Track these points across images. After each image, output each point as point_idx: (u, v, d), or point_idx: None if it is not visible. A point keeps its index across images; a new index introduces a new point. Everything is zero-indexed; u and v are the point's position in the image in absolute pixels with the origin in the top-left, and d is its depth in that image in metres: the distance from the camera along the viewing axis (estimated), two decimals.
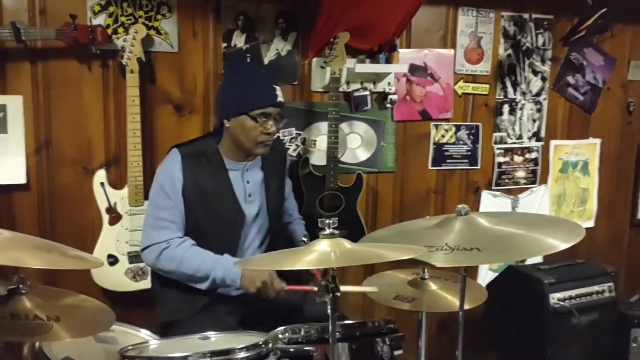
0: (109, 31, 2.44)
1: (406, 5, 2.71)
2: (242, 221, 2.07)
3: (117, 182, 2.51)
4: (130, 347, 1.44)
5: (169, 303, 2.08)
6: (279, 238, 2.25)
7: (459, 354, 1.67)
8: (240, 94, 2.02)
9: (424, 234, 1.54)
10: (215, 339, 1.54)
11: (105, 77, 2.50)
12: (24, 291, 1.36)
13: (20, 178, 2.39)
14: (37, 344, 1.58)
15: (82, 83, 2.46)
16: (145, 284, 2.49)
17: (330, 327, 1.28)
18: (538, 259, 3.40)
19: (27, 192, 2.44)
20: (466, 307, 1.84)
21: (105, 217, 2.45)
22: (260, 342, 1.42)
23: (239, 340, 1.44)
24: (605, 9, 2.85)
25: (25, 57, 2.36)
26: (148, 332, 1.87)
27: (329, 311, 1.27)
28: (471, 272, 3.31)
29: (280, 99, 2.03)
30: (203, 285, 1.98)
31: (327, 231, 1.31)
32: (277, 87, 2.04)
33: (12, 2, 2.30)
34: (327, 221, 1.32)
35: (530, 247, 1.42)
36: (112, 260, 2.46)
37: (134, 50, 2.38)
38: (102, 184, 2.45)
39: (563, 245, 1.39)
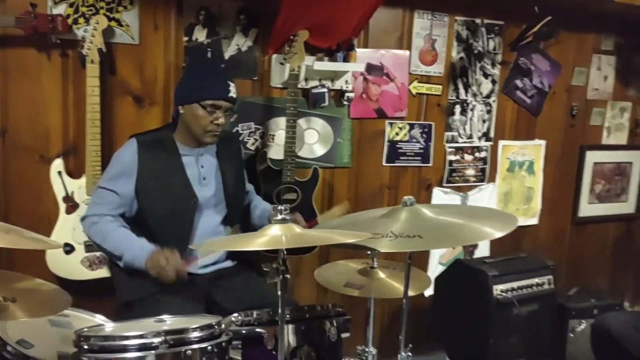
0: (70, 21, 2.46)
1: (364, 6, 2.80)
2: (195, 203, 2.16)
3: (74, 172, 2.53)
4: (85, 329, 1.48)
5: (129, 282, 2.13)
6: (237, 217, 2.37)
7: (402, 339, 1.77)
8: (196, 83, 2.16)
9: (373, 223, 1.64)
10: (171, 322, 1.60)
11: (64, 67, 2.51)
12: None
13: None
14: None
15: (40, 72, 2.47)
16: (102, 272, 2.52)
17: (279, 308, 1.36)
18: (485, 253, 3.58)
19: None
20: (411, 293, 1.95)
21: (62, 206, 2.47)
22: (213, 323, 1.48)
23: (194, 322, 1.50)
24: (550, 17, 3.02)
25: None
26: (103, 318, 1.91)
27: (278, 292, 1.35)
28: (421, 265, 3.44)
29: (232, 94, 2.18)
30: (120, 263, 2.09)
31: (279, 217, 1.39)
32: (232, 84, 2.19)
33: None
34: (280, 207, 1.40)
35: (468, 235, 1.54)
36: (69, 249, 2.48)
37: (95, 40, 2.41)
38: (59, 172, 2.46)
39: (498, 234, 1.51)
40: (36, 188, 2.52)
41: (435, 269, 3.48)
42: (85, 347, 1.37)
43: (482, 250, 3.61)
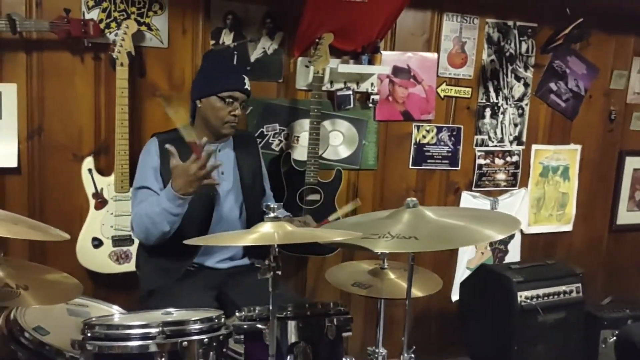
0: (102, 26, 2.56)
1: (388, 9, 2.81)
2: (214, 195, 2.25)
3: (105, 169, 2.64)
4: (94, 318, 1.56)
5: (149, 272, 2.22)
6: (255, 211, 2.37)
7: (405, 340, 1.77)
8: (213, 77, 2.26)
9: (375, 224, 1.65)
10: (176, 314, 1.66)
11: (97, 69, 2.62)
12: None
13: (12, 162, 2.52)
14: (12, 315, 1.71)
15: (74, 74, 2.59)
16: (128, 267, 2.62)
17: (270, 305, 1.39)
18: (515, 259, 3.51)
19: (18, 176, 2.57)
20: (420, 295, 1.95)
21: (92, 202, 2.58)
22: (214, 317, 1.53)
23: (197, 316, 1.55)
24: (581, 19, 2.94)
25: (21, 48, 2.49)
26: (119, 308, 1.99)
27: (269, 288, 1.38)
28: (449, 269, 3.41)
29: (247, 86, 2.28)
30: (165, 226, 2.06)
31: (271, 215, 1.43)
32: (246, 78, 2.29)
33: None
34: (272, 205, 1.44)
35: (466, 237, 1.53)
36: (97, 243, 2.59)
37: (125, 44, 2.51)
38: (89, 170, 2.58)
39: (498, 236, 1.50)
40: (69, 185, 2.64)
41: (462, 273, 3.44)
42: (89, 334, 1.44)
43: (513, 256, 3.55)
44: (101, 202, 2.58)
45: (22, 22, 2.37)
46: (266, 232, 1.39)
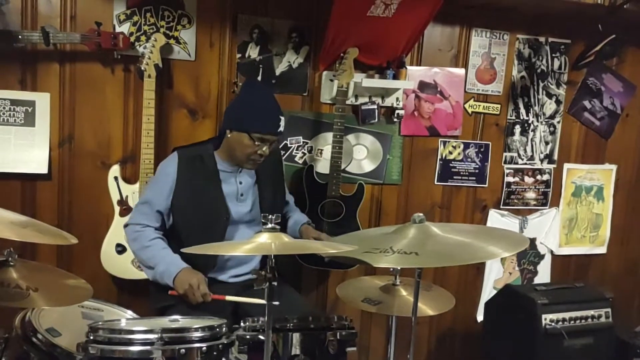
0: (132, 39, 2.65)
1: (414, 24, 2.80)
2: (227, 219, 2.22)
3: (130, 177, 2.71)
4: (100, 323, 1.60)
5: (159, 291, 2.23)
6: None
7: (411, 357, 1.75)
8: (249, 114, 2.20)
9: (380, 239, 1.64)
10: (182, 322, 1.68)
11: (126, 81, 2.71)
12: (12, 263, 1.54)
13: (42, 168, 2.62)
14: (27, 316, 1.76)
15: (105, 85, 2.68)
16: None
17: (266, 316, 1.40)
18: (545, 280, 3.41)
19: (49, 182, 2.66)
20: (431, 313, 1.92)
21: (117, 209, 2.65)
22: (215, 325, 1.55)
23: (201, 324, 1.57)
24: (614, 36, 2.86)
25: (55, 59, 2.60)
26: (133, 314, 2.03)
27: (264, 300, 1.39)
28: (475, 289, 3.35)
29: (281, 129, 2.22)
30: (149, 274, 2.16)
31: (269, 225, 1.44)
32: (282, 118, 2.22)
33: (46, 8, 2.54)
34: (270, 217, 1.45)
35: (469, 254, 1.49)
36: (120, 249, 2.65)
37: (152, 57, 2.58)
38: (115, 178, 2.65)
39: (503, 254, 1.46)
40: (97, 192, 2.72)
41: (489, 293, 3.36)
42: (93, 338, 1.47)
43: (542, 277, 3.46)
44: (126, 209, 2.65)
45: (55, 35, 2.47)
46: (263, 242, 1.40)
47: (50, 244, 2.49)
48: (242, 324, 1.67)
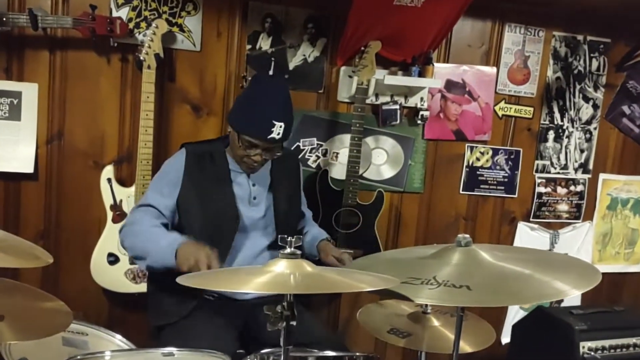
0: (131, 25, 2.39)
1: (444, 16, 2.54)
2: (237, 223, 1.96)
3: (126, 180, 2.46)
4: (79, 357, 1.32)
5: (159, 306, 1.98)
6: None
7: None
8: (243, 113, 1.96)
9: (417, 264, 1.36)
10: (178, 356, 1.41)
11: (124, 72, 2.45)
12: None
13: (28, 167, 2.36)
14: None
15: (99, 76, 2.42)
16: (145, 286, 2.39)
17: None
18: (575, 301, 3.13)
19: (35, 183, 2.41)
20: (471, 350, 1.65)
21: (110, 214, 2.39)
22: None
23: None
24: None
25: (44, 45, 2.34)
26: (123, 339, 1.76)
27: (281, 342, 1.11)
28: (498, 308, 3.07)
29: (274, 135, 1.89)
30: (144, 264, 1.88)
31: (288, 250, 1.15)
32: (279, 124, 1.89)
33: None
34: (290, 239, 1.16)
35: (531, 292, 1.21)
36: (113, 259, 2.39)
37: (153, 45, 2.32)
38: (109, 180, 2.39)
39: (572, 292, 1.18)
40: (88, 195, 2.46)
41: (515, 314, 3.10)
42: None
43: (572, 298, 3.17)
44: (119, 215, 2.38)
45: (45, 18, 2.20)
46: (280, 273, 1.12)
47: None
48: (248, 359, 1.39)
